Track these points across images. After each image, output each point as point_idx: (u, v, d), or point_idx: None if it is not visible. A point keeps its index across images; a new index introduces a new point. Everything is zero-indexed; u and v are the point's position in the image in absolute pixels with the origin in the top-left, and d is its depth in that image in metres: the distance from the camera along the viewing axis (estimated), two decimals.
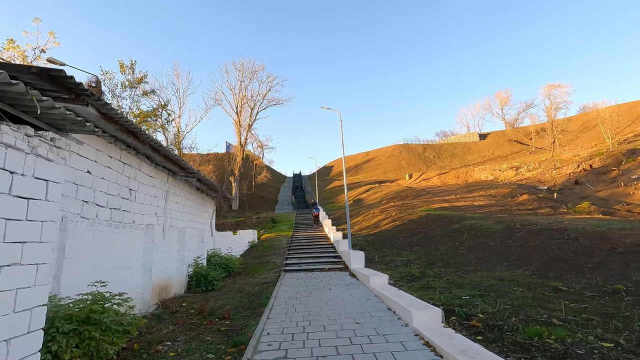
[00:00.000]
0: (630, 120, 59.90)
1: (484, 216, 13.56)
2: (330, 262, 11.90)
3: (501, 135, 74.35)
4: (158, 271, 7.41)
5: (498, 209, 17.21)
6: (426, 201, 22.94)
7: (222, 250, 12.61)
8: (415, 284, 6.94)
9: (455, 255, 9.35)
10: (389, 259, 10.34)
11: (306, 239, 18.33)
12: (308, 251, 14.45)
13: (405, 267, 9.01)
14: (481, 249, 9.39)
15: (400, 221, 16.29)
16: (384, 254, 11.43)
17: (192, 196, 10.43)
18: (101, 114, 4.83)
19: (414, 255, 10.35)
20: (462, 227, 11.93)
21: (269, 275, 10.95)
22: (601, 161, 33.43)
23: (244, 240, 17.24)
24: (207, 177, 10.35)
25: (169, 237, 8.37)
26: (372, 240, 14.23)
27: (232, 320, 5.63)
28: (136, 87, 15.24)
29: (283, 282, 9.05)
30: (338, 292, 7.38)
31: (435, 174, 44.29)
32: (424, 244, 11.58)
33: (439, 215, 14.78)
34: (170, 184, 8.45)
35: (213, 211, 13.05)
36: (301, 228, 23.09)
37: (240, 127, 41.74)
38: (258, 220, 30.04)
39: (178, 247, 8.98)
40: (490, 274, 7.01)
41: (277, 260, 13.46)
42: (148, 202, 7.25)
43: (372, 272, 8.33)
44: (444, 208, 18.52)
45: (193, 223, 10.49)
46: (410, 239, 12.75)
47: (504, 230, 10.04)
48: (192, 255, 9.67)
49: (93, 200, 5.25)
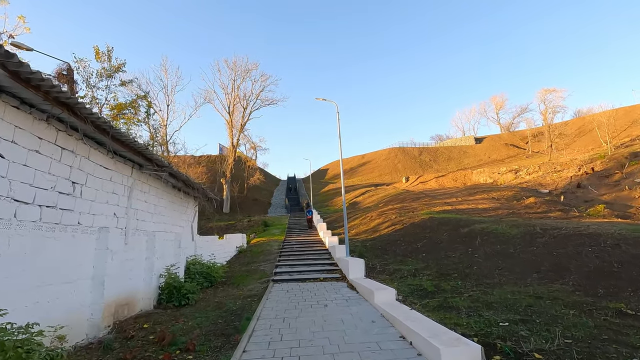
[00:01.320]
0: (626, 124, 59.93)
1: (494, 220, 12.38)
2: (325, 271, 10.58)
3: (497, 139, 74.04)
4: (115, 284, 6.03)
5: (505, 212, 16.07)
6: (426, 204, 21.76)
7: (204, 257, 11.22)
8: (430, 302, 5.66)
9: (471, 264, 8.10)
10: (392, 268, 9.06)
11: (299, 244, 16.99)
12: (301, 258, 13.11)
13: (413, 278, 7.73)
14: (500, 256, 8.16)
15: (401, 225, 15.04)
16: (386, 261, 10.15)
17: (167, 195, 9.06)
18: (10, 73, 3.48)
19: (421, 264, 9.08)
20: (472, 231, 10.73)
21: (256, 286, 9.60)
22: (603, 164, 32.67)
23: (231, 246, 15.83)
24: (185, 173, 9.00)
25: (133, 242, 6.99)
26: (371, 245, 12.94)
27: (197, 353, 4.28)
28: (113, 75, 13.83)
29: (270, 297, 7.70)
30: (335, 310, 6.07)
31: (433, 177, 43.30)
32: (431, 251, 10.33)
33: (444, 219, 13.57)
34: (135, 178, 7.09)
35: (195, 213, 11.66)
36: (294, 232, 21.72)
37: (232, 128, 40.32)
38: (249, 224, 28.61)
39: (146, 254, 7.60)
40: (521, 289, 5.77)
41: (266, 268, 12.10)
42: (102, 199, 5.88)
43: (375, 284, 7.03)
44: (447, 211, 17.35)
45: (168, 226, 9.10)
46: (415, 244, 11.49)
47: (523, 236, 8.85)
48: (166, 264, 8.29)
49: (8, 194, 3.88)
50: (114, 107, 13.52)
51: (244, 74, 40.45)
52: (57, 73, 13.43)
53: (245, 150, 49.10)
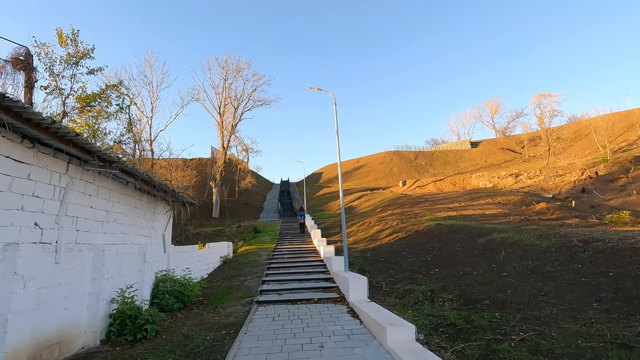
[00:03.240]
0: (623, 129, 59.80)
1: (510, 228, 10.96)
2: (320, 289, 8.97)
3: (493, 143, 73.52)
4: (34, 321, 4.38)
5: (517, 218, 14.68)
6: (428, 209, 20.30)
7: (177, 271, 9.56)
8: (466, 348, 4.11)
9: (503, 286, 6.57)
10: (401, 288, 7.49)
11: (291, 253, 15.36)
12: (292, 271, 11.48)
13: (431, 304, 6.18)
14: (537, 276, 6.64)
15: (404, 232, 13.53)
16: (392, 278, 8.58)
17: (127, 199, 7.40)
18: None
19: (436, 283, 7.54)
20: (490, 242, 9.27)
21: (236, 308, 7.96)
22: (606, 168, 31.69)
23: (215, 256, 14.13)
24: (149, 173, 7.38)
25: (70, 260, 5.34)
26: (372, 257, 11.39)
27: None
28: (80, 63, 12.11)
29: (251, 329, 6.07)
30: (335, 356, 4.48)
31: (431, 181, 42.04)
32: (445, 265, 8.81)
33: (453, 226, 12.10)
34: (73, 177, 5.44)
35: (167, 219, 9.98)
36: (286, 239, 20.07)
37: (222, 129, 38.61)
38: (238, 230, 26.86)
39: (92, 274, 5.94)
40: (589, 329, 4.25)
41: (252, 283, 10.46)
42: (11, 204, 4.24)
43: (385, 314, 5.46)
44: (452, 217, 15.91)
45: (128, 237, 7.43)
46: (423, 256, 9.97)
47: (558, 249, 7.40)
48: (122, 284, 6.63)
49: None
50: (81, 99, 11.81)
51: (236, 73, 38.90)
52: (13, 58, 11.71)
53: (236, 153, 47.38)
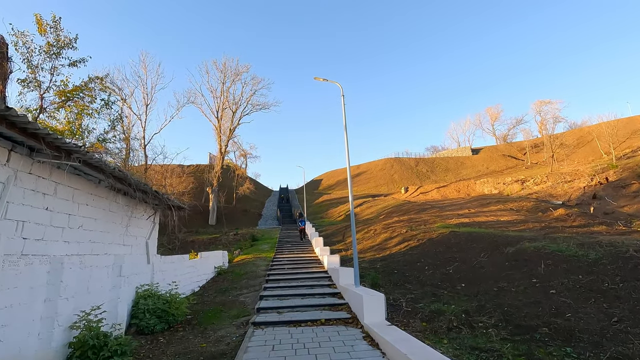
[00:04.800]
0: (626, 136, 59.30)
1: (537, 236, 9.80)
2: (327, 307, 7.73)
3: (494, 150, 72.89)
4: None
5: (537, 225, 13.52)
6: (436, 216, 19.11)
7: (161, 285, 8.31)
8: None
9: (557, 308, 5.32)
10: (426, 307, 6.26)
11: (291, 263, 14.10)
12: (293, 284, 10.23)
13: (470, 330, 4.96)
14: (597, 295, 5.40)
15: (416, 241, 12.32)
16: (411, 294, 7.35)
17: (99, 200, 6.21)
18: None
19: (467, 302, 6.32)
20: (521, 252, 8.10)
21: (229, 331, 6.72)
22: (616, 174, 30.68)
23: (208, 266, 12.85)
24: (122, 169, 6.17)
25: (12, 277, 4.15)
26: (383, 268, 10.17)
27: None
28: (61, 53, 10.97)
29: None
30: None
31: (434, 187, 40.93)
32: (472, 279, 7.60)
33: (471, 234, 10.92)
34: (19, 170, 4.27)
35: (152, 226, 8.76)
36: (285, 247, 18.79)
37: (220, 133, 37.54)
38: (235, 238, 25.58)
39: (46, 294, 4.74)
40: None
41: (248, 298, 9.21)
42: None
43: (419, 348, 4.24)
44: (466, 224, 14.74)
45: (98, 246, 6.22)
46: (443, 268, 8.77)
47: (613, 261, 6.25)
48: (87, 305, 5.42)
49: None
50: (61, 92, 10.64)
51: (234, 77, 37.97)
52: None
53: (234, 158, 46.28)
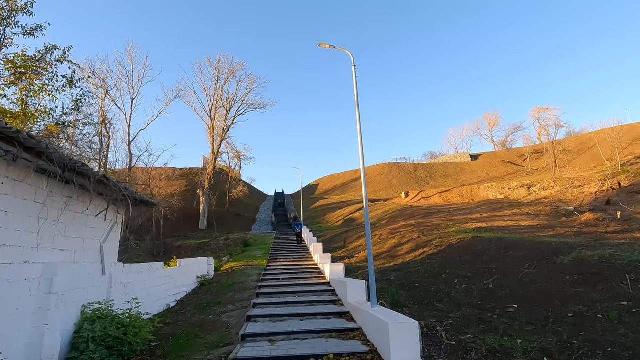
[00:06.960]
0: (628, 142, 58.57)
1: (588, 243, 8.13)
2: (334, 333, 5.87)
3: (493, 156, 71.99)
4: None
5: (569, 231, 11.89)
6: (447, 220, 17.41)
7: (119, 303, 6.41)
8: None
9: None
10: (479, 341, 4.44)
11: (287, 272, 12.23)
12: (289, 299, 8.35)
13: None
14: None
15: (432, 247, 10.56)
16: (447, 318, 5.52)
17: (19, 188, 4.38)
18: None
19: (535, 333, 4.53)
20: (580, 262, 6.41)
21: None
22: (628, 179, 29.38)
23: (190, 275, 10.93)
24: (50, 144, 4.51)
25: None
26: (399, 280, 8.36)
27: None
28: (11, 18, 9.10)
29: None
30: None
31: (436, 192, 39.34)
32: (525, 297, 5.83)
33: (502, 240, 9.22)
34: None
35: (111, 226, 6.88)
36: (281, 254, 16.90)
37: (213, 133, 35.68)
38: (226, 243, 23.58)
39: None
40: None
41: (232, 318, 7.31)
42: None
43: None
44: (485, 229, 13.07)
45: (16, 251, 4.37)
46: (479, 282, 6.98)
47: None
48: None
49: None
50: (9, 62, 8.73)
51: (229, 75, 36.27)
52: None
53: (228, 160, 44.29)
